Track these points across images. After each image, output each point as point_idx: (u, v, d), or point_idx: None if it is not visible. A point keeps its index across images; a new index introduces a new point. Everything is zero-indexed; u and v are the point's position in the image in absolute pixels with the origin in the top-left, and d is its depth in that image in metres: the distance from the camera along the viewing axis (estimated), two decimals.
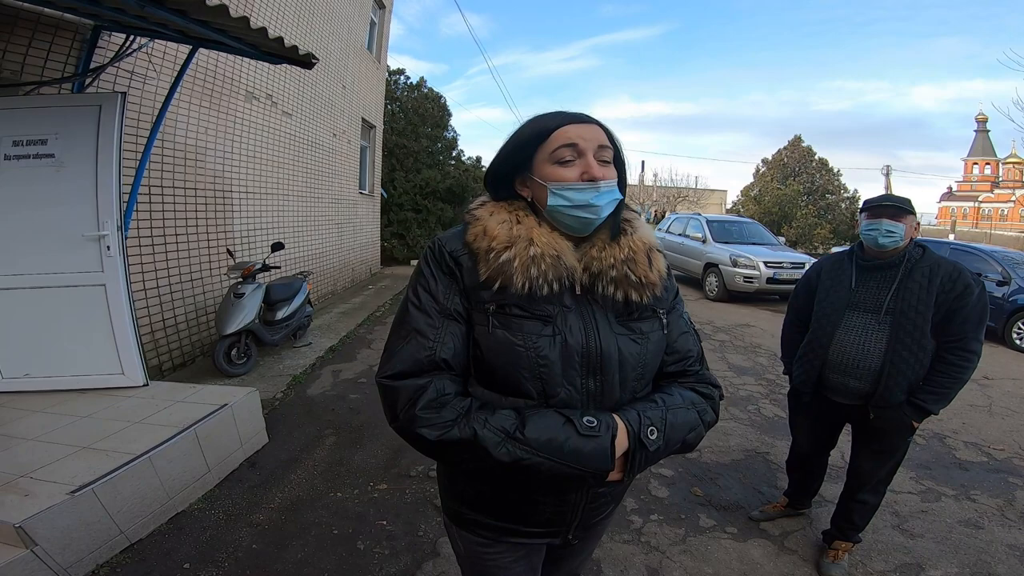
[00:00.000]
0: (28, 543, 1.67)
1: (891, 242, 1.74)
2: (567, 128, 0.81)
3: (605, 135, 0.83)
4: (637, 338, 0.84)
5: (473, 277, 0.80)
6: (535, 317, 0.79)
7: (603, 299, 0.83)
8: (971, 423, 3.58)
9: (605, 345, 0.81)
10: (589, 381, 0.80)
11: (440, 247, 0.84)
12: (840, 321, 1.86)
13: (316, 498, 2.45)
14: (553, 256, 0.80)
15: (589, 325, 0.81)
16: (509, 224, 0.82)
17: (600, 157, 0.82)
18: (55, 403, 2.62)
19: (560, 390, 0.79)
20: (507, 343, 0.78)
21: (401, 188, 12.14)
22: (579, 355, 0.80)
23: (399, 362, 0.78)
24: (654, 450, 0.78)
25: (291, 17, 5.62)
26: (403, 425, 0.77)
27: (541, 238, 0.81)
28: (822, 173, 22.05)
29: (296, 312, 4.55)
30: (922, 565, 2.07)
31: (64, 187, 2.69)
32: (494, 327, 0.79)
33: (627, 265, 0.83)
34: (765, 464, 2.93)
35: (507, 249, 0.79)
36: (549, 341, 0.79)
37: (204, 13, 2.22)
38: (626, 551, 2.11)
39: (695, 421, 0.84)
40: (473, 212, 0.87)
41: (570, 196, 0.81)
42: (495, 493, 0.88)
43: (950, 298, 1.68)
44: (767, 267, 8.11)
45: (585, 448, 0.73)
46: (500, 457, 0.73)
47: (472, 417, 0.75)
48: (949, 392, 1.73)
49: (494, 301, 0.79)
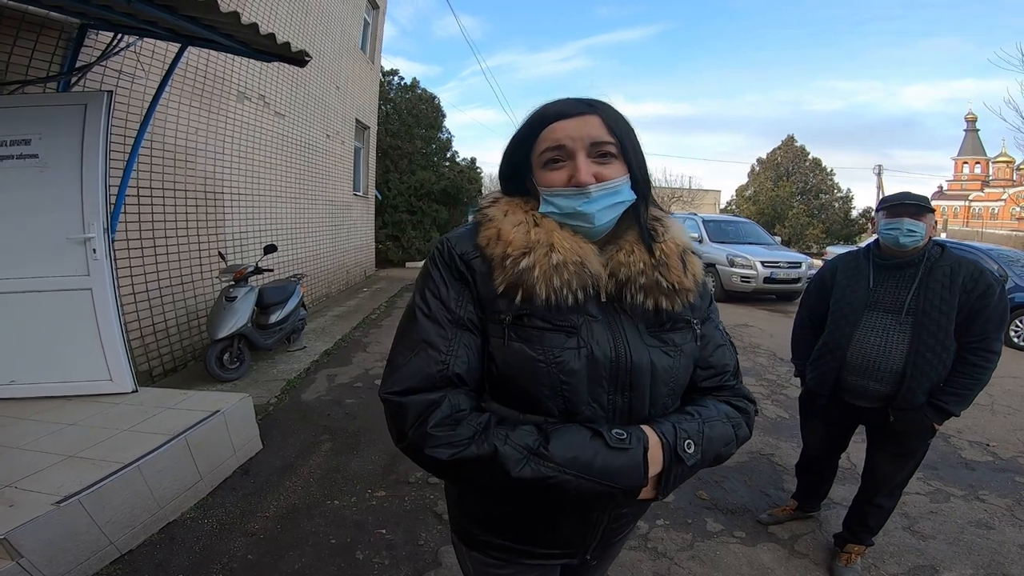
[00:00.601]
0: (13, 555, 1.63)
1: (912, 241, 1.69)
2: (554, 127, 0.73)
3: (604, 126, 0.72)
4: (670, 351, 0.76)
5: (488, 285, 0.72)
6: (557, 329, 0.71)
7: (632, 308, 0.75)
8: (975, 422, 3.56)
9: (637, 358, 0.73)
10: (617, 398, 0.73)
11: (449, 249, 0.75)
12: (859, 322, 1.80)
13: (312, 506, 2.38)
14: (577, 263, 0.71)
15: (618, 336, 0.73)
16: (526, 227, 0.73)
17: (597, 152, 0.72)
18: (41, 410, 2.55)
19: (585, 408, 0.72)
20: (526, 357, 0.70)
21: (395, 190, 12.08)
22: (607, 369, 0.72)
23: (407, 377, 0.70)
24: (691, 464, 0.71)
25: (284, 16, 5.55)
26: (412, 444, 0.69)
27: (563, 243, 0.72)
28: (815, 173, 22.23)
29: (290, 316, 4.47)
30: (936, 567, 2.03)
31: (48, 188, 2.62)
32: (511, 340, 0.71)
33: (658, 270, 0.75)
34: (771, 466, 2.89)
35: (525, 256, 0.70)
36: (574, 354, 0.71)
37: (193, 9, 2.17)
38: (633, 558, 2.05)
39: (730, 435, 0.77)
40: (485, 211, 0.77)
41: (558, 203, 0.73)
42: (509, 512, 0.81)
43: (972, 298, 1.64)
44: (764, 267, 8.09)
45: (616, 463, 0.66)
46: (522, 475, 0.65)
47: (492, 433, 0.67)
48: (971, 393, 1.69)
49: (511, 312, 0.71)
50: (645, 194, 0.78)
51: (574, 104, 0.74)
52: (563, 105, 0.74)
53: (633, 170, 0.75)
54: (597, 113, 0.73)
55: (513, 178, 0.81)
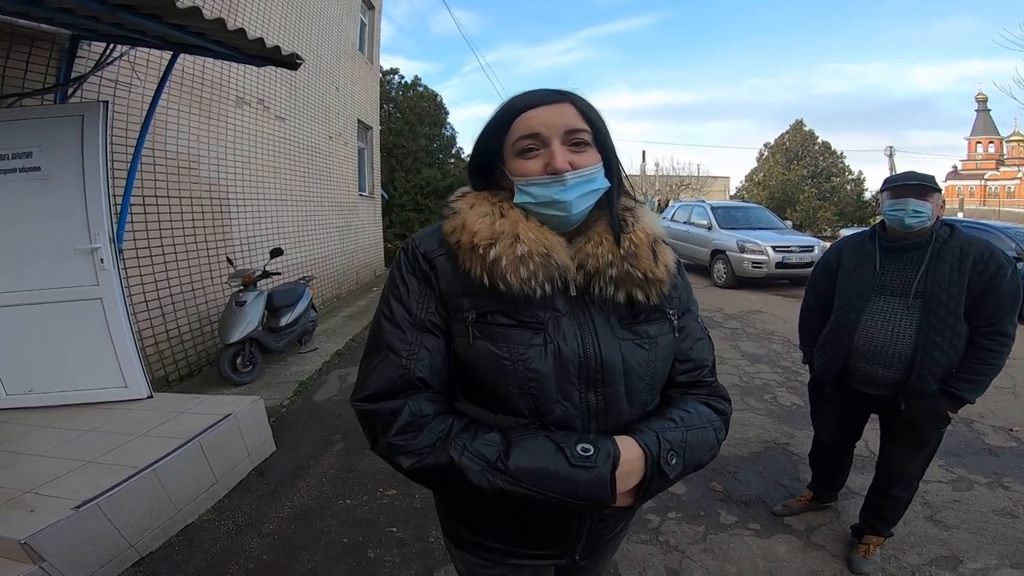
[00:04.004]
0: (35, 559, 1.68)
1: (918, 222, 1.63)
2: (527, 115, 0.71)
3: (578, 114, 0.72)
4: (645, 343, 0.74)
5: (450, 280, 0.72)
6: (523, 325, 0.70)
7: (602, 301, 0.73)
8: (997, 406, 3.46)
9: (607, 353, 0.71)
10: (589, 395, 0.71)
11: (414, 249, 0.75)
12: (865, 306, 1.74)
13: (325, 506, 2.40)
14: (542, 254, 0.70)
15: (587, 330, 0.72)
16: (492, 218, 0.72)
17: (572, 140, 0.71)
18: (59, 418, 2.60)
19: (555, 407, 0.70)
20: (491, 356, 0.69)
21: (402, 188, 12.09)
22: (575, 366, 0.70)
23: (372, 382, 0.71)
24: (672, 477, 0.69)
25: (277, 20, 5.55)
26: (382, 452, 0.70)
27: (528, 234, 0.71)
28: (825, 156, 21.80)
29: (300, 318, 4.51)
30: (959, 557, 1.97)
31: (52, 200, 2.65)
32: (476, 338, 0.70)
33: (628, 261, 0.73)
34: (786, 455, 2.85)
35: (491, 247, 0.69)
36: (540, 351, 0.69)
37: (178, 16, 2.17)
38: (644, 551, 2.03)
39: (712, 442, 0.76)
40: (452, 204, 0.77)
41: (534, 192, 0.71)
42: (489, 514, 0.80)
43: (983, 279, 1.57)
44: (775, 251, 7.97)
45: (580, 479, 0.65)
46: (482, 485, 0.65)
47: (451, 443, 0.67)
48: (985, 379, 1.63)
49: (475, 308, 0.70)
50: (618, 182, 0.77)
51: (547, 93, 0.73)
52: (536, 94, 0.74)
53: (607, 156, 0.74)
54: (570, 101, 0.73)
55: (483, 171, 0.79)
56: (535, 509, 0.73)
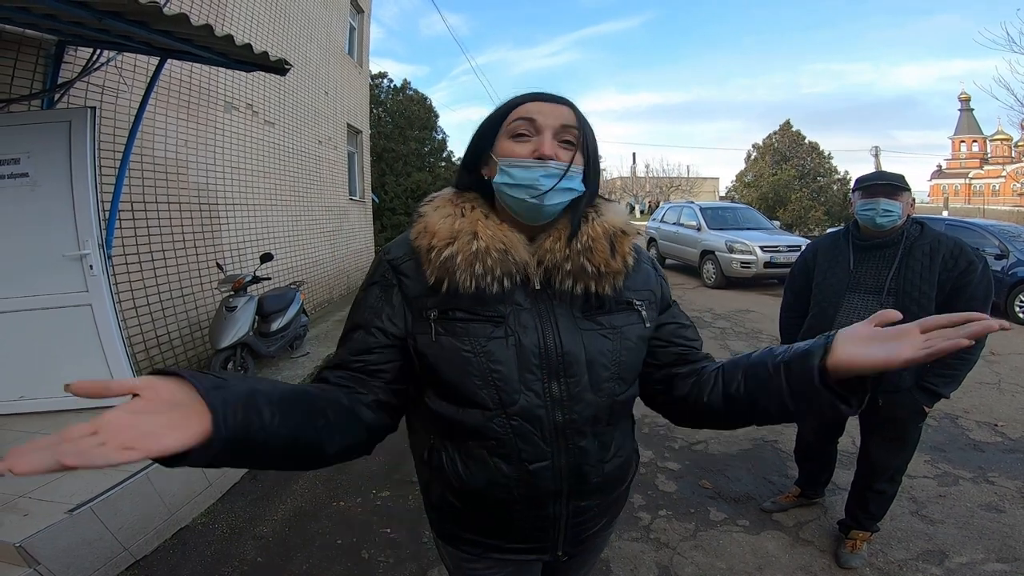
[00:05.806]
0: (30, 562, 1.68)
1: (889, 221, 1.68)
2: (528, 104, 0.75)
3: (574, 117, 0.76)
4: (608, 333, 0.77)
5: (415, 284, 0.76)
6: (483, 319, 0.73)
7: (563, 294, 0.76)
8: (982, 402, 3.52)
9: (567, 343, 0.74)
10: (552, 385, 0.74)
11: (382, 259, 0.81)
12: (841, 304, 1.79)
13: (319, 508, 2.41)
14: (500, 250, 0.73)
15: (547, 322, 0.75)
16: (452, 218, 0.76)
17: (562, 138, 0.74)
18: (51, 423, 2.59)
19: (519, 397, 0.73)
20: (453, 350, 0.73)
21: (392, 192, 12.07)
22: (536, 356, 0.73)
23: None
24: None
25: (266, 24, 5.54)
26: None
27: (486, 231, 0.74)
28: (813, 156, 22.09)
29: (291, 323, 4.49)
30: (945, 552, 2.00)
31: (41, 206, 2.64)
32: (438, 334, 0.73)
33: (584, 255, 0.75)
34: (774, 452, 2.89)
35: (449, 245, 0.73)
36: (500, 344, 0.73)
37: (165, 23, 2.17)
38: (635, 549, 2.06)
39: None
40: (419, 209, 0.81)
41: (515, 173, 0.73)
42: (466, 504, 0.81)
43: (953, 275, 1.62)
44: (763, 251, 8.09)
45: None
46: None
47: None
48: (959, 374, 1.68)
49: (437, 307, 0.74)
50: (593, 192, 0.80)
51: (551, 95, 0.78)
52: (540, 93, 0.78)
53: (589, 164, 0.78)
54: (570, 107, 0.77)
55: (472, 165, 0.82)
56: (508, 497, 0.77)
